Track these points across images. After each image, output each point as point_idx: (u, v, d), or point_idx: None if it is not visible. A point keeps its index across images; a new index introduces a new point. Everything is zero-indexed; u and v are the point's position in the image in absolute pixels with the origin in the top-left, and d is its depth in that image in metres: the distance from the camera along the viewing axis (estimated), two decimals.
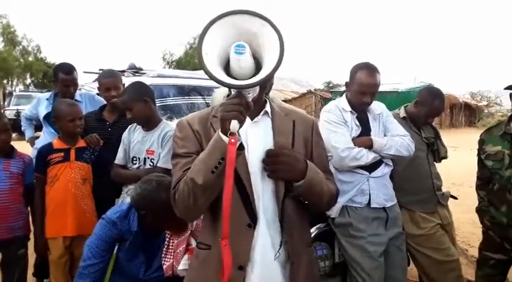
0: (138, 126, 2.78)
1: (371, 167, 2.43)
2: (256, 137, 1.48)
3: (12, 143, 2.83)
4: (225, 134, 1.24)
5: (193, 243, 2.16)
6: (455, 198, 3.19)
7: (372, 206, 2.41)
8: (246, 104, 1.23)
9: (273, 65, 1.15)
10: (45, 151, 2.78)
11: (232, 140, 1.21)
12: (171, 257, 2.13)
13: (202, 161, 1.31)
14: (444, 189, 3.04)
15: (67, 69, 3.45)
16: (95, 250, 2.11)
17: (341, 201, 2.40)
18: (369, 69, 2.47)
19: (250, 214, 1.42)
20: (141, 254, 2.20)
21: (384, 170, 2.48)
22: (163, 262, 2.15)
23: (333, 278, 2.63)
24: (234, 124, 1.20)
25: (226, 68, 1.24)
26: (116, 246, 2.15)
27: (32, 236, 2.90)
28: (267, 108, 1.52)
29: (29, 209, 2.92)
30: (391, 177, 2.58)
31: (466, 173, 7.16)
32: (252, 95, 1.27)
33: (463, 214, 5.33)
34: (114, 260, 2.15)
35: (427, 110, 2.87)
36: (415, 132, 2.85)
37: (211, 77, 1.16)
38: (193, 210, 1.41)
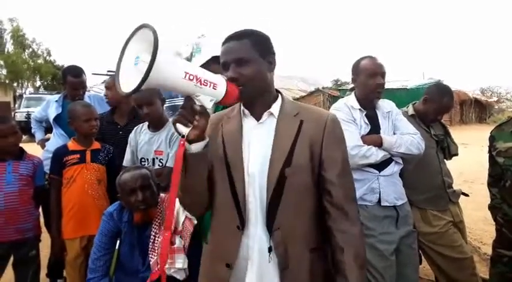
0: (144, 128, 2.79)
1: (381, 165, 2.41)
2: (259, 139, 1.47)
3: (23, 145, 2.86)
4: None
5: (178, 242, 2.19)
6: (466, 195, 3.15)
7: (382, 204, 2.38)
8: (191, 108, 1.27)
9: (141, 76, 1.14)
10: (61, 153, 2.80)
11: (182, 142, 1.29)
12: (156, 254, 2.17)
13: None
14: (456, 187, 3.01)
15: (76, 72, 3.50)
16: (98, 245, 2.28)
17: None
18: (371, 56, 2.53)
19: (241, 216, 1.43)
20: (137, 246, 2.26)
21: (394, 168, 2.45)
22: (149, 258, 2.19)
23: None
24: (179, 127, 1.29)
25: None
26: (118, 242, 2.27)
27: (43, 237, 2.93)
28: (273, 109, 1.49)
29: (40, 210, 2.95)
30: (401, 175, 2.55)
31: (478, 170, 7.12)
32: (205, 99, 1.29)
33: (475, 211, 5.29)
34: (116, 254, 2.27)
35: (435, 107, 2.85)
36: (424, 130, 2.83)
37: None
38: (188, 206, 1.55)
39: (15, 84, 34.59)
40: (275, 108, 1.49)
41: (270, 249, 1.41)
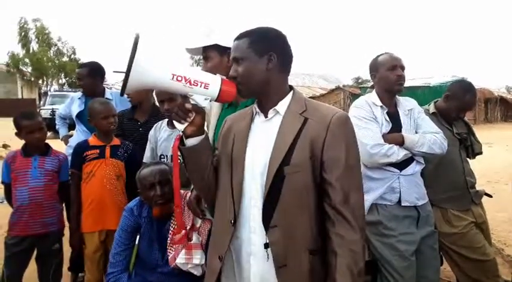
0: (163, 125, 2.83)
1: (402, 165, 2.37)
2: (264, 136, 1.49)
3: (47, 141, 2.93)
4: None
5: (195, 238, 2.20)
6: (490, 196, 3.07)
7: (402, 204, 2.35)
8: (182, 106, 1.39)
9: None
10: (82, 148, 2.87)
11: (178, 136, 1.46)
12: (173, 249, 2.20)
13: None
14: (479, 187, 2.94)
15: (80, 64, 3.80)
16: (118, 240, 2.34)
17: (370, 198, 2.35)
18: (388, 52, 2.55)
19: (235, 211, 1.48)
20: (156, 241, 2.30)
21: (415, 168, 2.41)
22: (168, 253, 2.23)
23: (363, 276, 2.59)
24: (176, 124, 1.44)
25: None
26: (138, 237, 2.33)
27: (66, 231, 3.00)
28: (278, 106, 1.49)
29: (63, 205, 3.01)
30: (421, 174, 2.51)
31: (502, 169, 6.95)
32: (199, 98, 1.40)
33: (499, 213, 5.17)
34: (136, 250, 2.32)
35: (458, 105, 2.79)
36: (446, 128, 2.77)
37: None
38: (203, 198, 1.82)
39: (40, 82, 35.42)
40: (281, 105, 1.50)
41: (266, 246, 1.43)
